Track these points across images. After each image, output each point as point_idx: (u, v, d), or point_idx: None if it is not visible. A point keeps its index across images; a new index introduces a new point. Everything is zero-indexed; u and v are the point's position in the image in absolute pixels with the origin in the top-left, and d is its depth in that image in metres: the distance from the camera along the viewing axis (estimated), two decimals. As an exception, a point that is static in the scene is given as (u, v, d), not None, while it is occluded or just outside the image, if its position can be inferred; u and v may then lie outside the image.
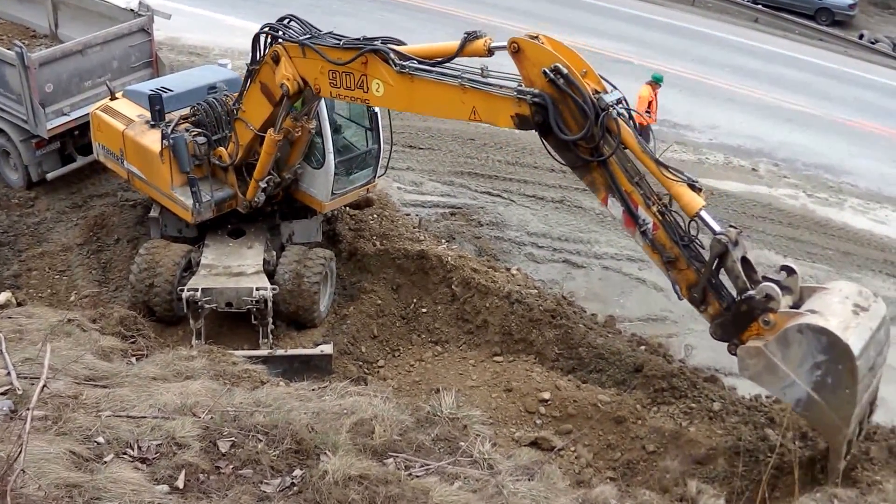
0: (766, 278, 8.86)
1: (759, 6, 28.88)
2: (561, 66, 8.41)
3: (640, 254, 14.21)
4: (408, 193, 16.05)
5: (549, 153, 8.99)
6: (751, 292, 8.53)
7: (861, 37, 27.99)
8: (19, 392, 6.60)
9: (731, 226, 8.90)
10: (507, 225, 15.33)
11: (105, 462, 5.69)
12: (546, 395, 11.36)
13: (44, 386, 6.44)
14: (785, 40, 26.76)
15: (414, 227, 14.75)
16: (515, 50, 8.58)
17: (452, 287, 12.99)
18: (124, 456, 5.87)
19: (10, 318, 9.44)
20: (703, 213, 8.61)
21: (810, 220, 16.33)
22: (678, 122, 19.65)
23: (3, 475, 4.86)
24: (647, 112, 16.73)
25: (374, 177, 13.21)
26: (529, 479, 6.93)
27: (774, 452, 9.20)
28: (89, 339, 8.90)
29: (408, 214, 15.30)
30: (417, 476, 6.46)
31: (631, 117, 8.91)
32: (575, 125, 8.55)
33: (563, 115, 8.57)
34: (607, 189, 8.79)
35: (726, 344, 8.95)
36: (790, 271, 9.02)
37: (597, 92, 8.63)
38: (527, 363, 12.04)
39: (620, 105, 8.76)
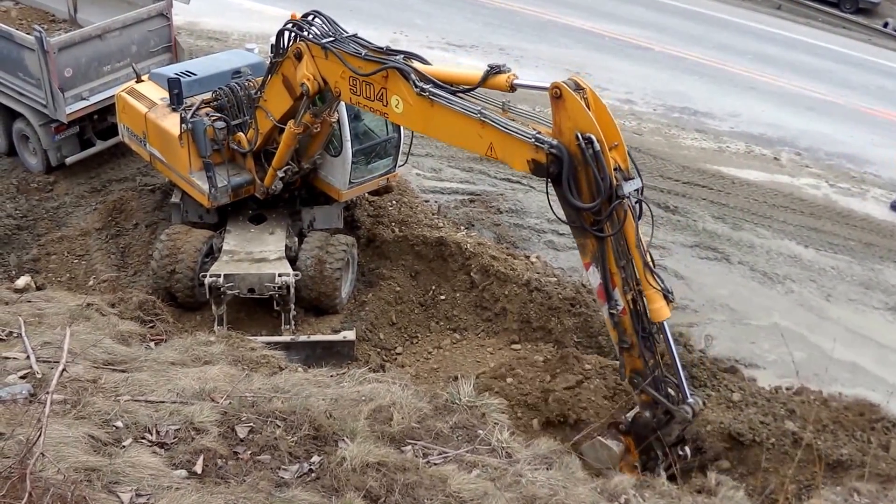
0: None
1: (783, -7, 28.59)
2: (595, 139, 8.08)
3: (660, 241, 14.15)
4: (427, 180, 15.99)
5: (549, 202, 8.71)
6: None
7: (886, 25, 27.65)
8: (39, 376, 6.64)
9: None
10: (526, 212, 15.24)
11: (123, 446, 5.69)
12: (564, 384, 11.30)
13: (63, 370, 6.48)
14: (808, 28, 26.47)
15: (433, 214, 14.69)
16: (557, 95, 8.23)
17: (471, 274, 12.94)
18: (143, 440, 5.87)
19: (29, 302, 9.47)
20: (667, 330, 8.90)
21: (832, 210, 16.14)
22: (698, 109, 19.47)
23: (22, 458, 4.87)
24: None
25: (395, 166, 13.13)
26: (548, 469, 6.91)
27: (786, 443, 9.13)
28: (108, 324, 8.92)
29: (427, 201, 15.24)
30: (435, 464, 6.44)
31: (641, 209, 8.69)
32: (587, 193, 8.31)
33: (577, 176, 8.33)
34: (594, 259, 8.66)
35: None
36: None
37: (619, 169, 8.36)
38: (545, 351, 11.97)
39: (636, 196, 8.55)
